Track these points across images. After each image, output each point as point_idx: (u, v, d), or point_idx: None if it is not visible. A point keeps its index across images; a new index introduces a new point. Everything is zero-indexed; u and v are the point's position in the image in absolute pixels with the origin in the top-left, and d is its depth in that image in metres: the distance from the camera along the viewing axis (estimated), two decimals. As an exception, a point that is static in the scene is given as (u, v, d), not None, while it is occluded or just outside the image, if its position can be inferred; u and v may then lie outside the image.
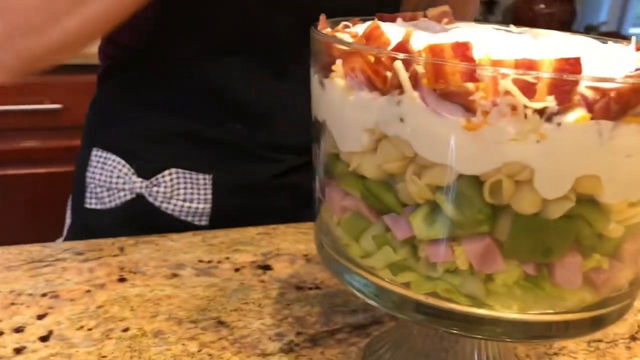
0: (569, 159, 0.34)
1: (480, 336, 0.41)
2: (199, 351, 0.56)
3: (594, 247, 0.38)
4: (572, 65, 0.33)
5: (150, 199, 0.77)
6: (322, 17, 0.45)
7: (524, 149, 0.34)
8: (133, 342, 0.57)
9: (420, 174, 0.37)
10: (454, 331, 0.40)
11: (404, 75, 0.35)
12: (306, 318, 0.63)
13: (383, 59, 0.36)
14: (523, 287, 0.38)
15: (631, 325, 0.67)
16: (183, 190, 0.77)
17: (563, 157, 0.34)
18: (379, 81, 0.36)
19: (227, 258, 0.73)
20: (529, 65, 0.33)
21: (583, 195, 0.36)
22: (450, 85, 0.34)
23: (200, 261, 0.72)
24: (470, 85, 0.34)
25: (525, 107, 0.33)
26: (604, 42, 0.49)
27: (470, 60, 0.34)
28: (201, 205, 0.78)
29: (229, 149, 0.77)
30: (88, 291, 0.64)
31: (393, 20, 0.53)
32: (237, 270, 0.71)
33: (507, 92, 0.33)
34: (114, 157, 0.79)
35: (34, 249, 0.71)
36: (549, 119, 0.33)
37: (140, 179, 0.78)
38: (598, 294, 0.40)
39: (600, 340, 0.64)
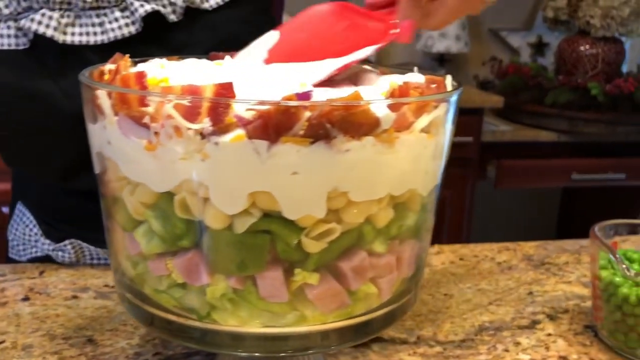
0: (234, 176, 0.37)
1: (222, 351, 0.43)
2: (53, 364, 0.61)
3: (296, 262, 0.39)
4: (226, 90, 0.36)
5: (58, 260, 0.81)
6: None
7: (193, 167, 0.37)
8: (1, 354, 0.63)
9: (133, 192, 0.41)
10: (193, 345, 0.43)
11: (105, 103, 0.39)
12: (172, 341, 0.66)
13: (97, 91, 0.40)
14: (232, 301, 0.40)
15: None
16: (89, 259, 0.81)
17: (228, 175, 0.37)
18: (94, 109, 0.41)
19: (133, 285, 0.78)
20: (193, 90, 0.37)
21: (270, 211, 0.38)
22: (132, 111, 0.38)
23: (106, 286, 0.78)
24: (147, 110, 0.37)
25: (188, 128, 0.36)
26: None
27: (144, 88, 0.38)
28: (109, 262, 0.83)
29: None
30: (-10, 308, 0.72)
31: (222, 57, 0.57)
32: (134, 295, 0.75)
33: (170, 116, 0.36)
34: (29, 214, 0.81)
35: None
36: (208, 139, 0.36)
37: (48, 241, 0.80)
38: (316, 309, 0.41)
39: None
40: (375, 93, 0.41)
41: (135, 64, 0.51)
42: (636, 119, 2.18)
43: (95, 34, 0.63)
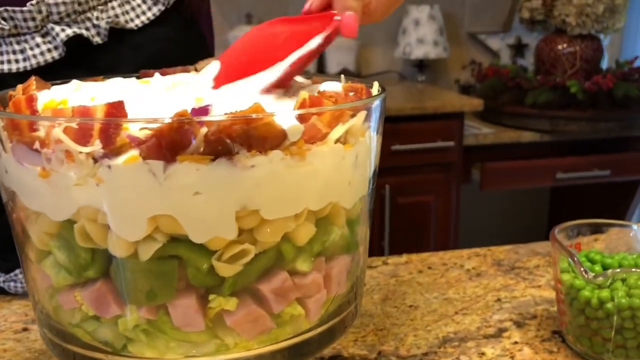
0: (131, 200, 0.34)
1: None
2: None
3: (210, 287, 0.37)
4: (117, 109, 0.34)
5: (11, 291, 0.78)
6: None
7: (89, 193, 0.35)
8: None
9: (36, 222, 0.38)
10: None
11: (0, 130, 0.37)
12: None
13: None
14: (147, 332, 0.38)
15: None
16: None
17: (125, 199, 0.34)
18: None
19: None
20: (84, 112, 0.35)
21: (176, 235, 0.36)
22: (23, 137, 0.35)
23: (59, 317, 0.75)
24: (37, 134, 0.35)
25: (79, 152, 0.34)
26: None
27: (34, 112, 0.36)
28: None
29: None
30: None
31: (152, 74, 0.55)
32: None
33: (59, 140, 0.34)
34: None
35: None
36: (101, 162, 0.34)
37: (2, 274, 0.78)
38: (238, 336, 0.38)
39: None
40: (289, 105, 0.39)
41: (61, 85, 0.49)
42: (617, 115, 2.17)
43: (17, 61, 0.61)
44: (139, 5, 0.68)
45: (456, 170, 2.16)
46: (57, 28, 0.61)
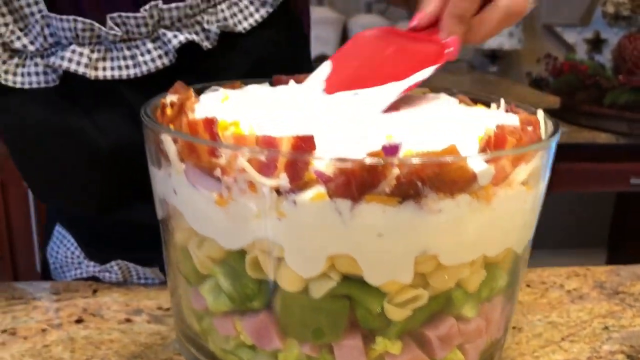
0: (313, 237, 0.33)
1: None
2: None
3: (376, 329, 0.36)
4: (306, 143, 0.32)
5: (105, 280, 0.79)
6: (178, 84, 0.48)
7: (269, 226, 0.33)
8: (55, 384, 0.61)
9: (201, 246, 0.37)
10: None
11: (171, 149, 0.36)
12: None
13: (161, 135, 0.37)
14: None
15: None
16: (136, 277, 0.79)
17: (307, 235, 0.33)
18: (157, 153, 0.37)
19: (186, 307, 0.76)
20: (269, 142, 0.33)
21: (350, 275, 0.34)
22: (201, 161, 0.34)
23: (159, 308, 0.76)
24: (218, 161, 0.34)
25: (263, 184, 0.33)
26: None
27: (214, 136, 0.35)
28: (156, 281, 0.81)
29: None
30: (44, 330, 0.70)
31: (287, 83, 0.54)
32: (188, 320, 0.73)
33: (243, 170, 0.33)
34: (69, 237, 0.79)
35: (19, 287, 0.79)
36: (285, 197, 0.33)
37: (92, 263, 0.78)
38: None
39: None
40: (468, 138, 0.37)
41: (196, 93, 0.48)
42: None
43: (127, 67, 0.60)
44: (246, 7, 0.66)
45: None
46: (169, 34, 0.59)
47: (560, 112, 2.24)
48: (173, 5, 0.59)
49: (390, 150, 0.33)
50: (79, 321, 0.74)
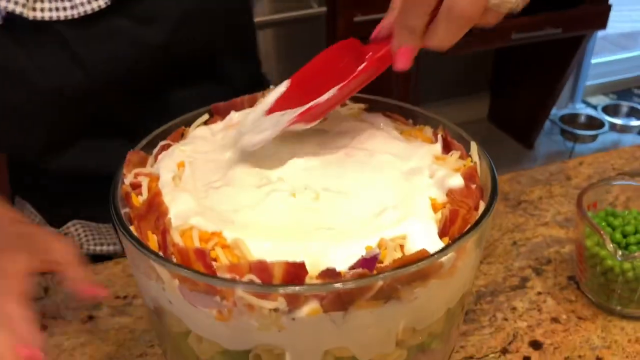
0: (311, 341, 0.38)
1: None
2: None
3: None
4: (298, 270, 0.36)
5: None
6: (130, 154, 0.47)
7: (270, 336, 0.38)
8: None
9: (201, 342, 0.41)
10: None
11: (160, 270, 0.38)
12: None
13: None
14: None
15: (503, 338, 0.72)
16: (92, 237, 0.81)
17: (305, 341, 0.38)
18: (147, 269, 0.39)
19: (141, 292, 0.79)
20: (263, 267, 0.36)
21: (343, 358, 0.40)
22: (198, 287, 0.37)
23: (117, 297, 0.78)
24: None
25: (262, 307, 0.36)
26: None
27: (208, 267, 0.37)
28: (111, 248, 0.83)
29: None
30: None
31: (227, 111, 0.54)
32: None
33: (241, 297, 0.36)
34: (28, 205, 0.82)
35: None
36: (284, 314, 0.37)
37: (52, 228, 0.81)
38: None
39: (472, 357, 0.69)
40: (424, 216, 0.41)
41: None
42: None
43: (64, 9, 0.62)
44: None
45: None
46: None
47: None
48: None
49: (369, 262, 0.37)
50: (42, 327, 0.75)
